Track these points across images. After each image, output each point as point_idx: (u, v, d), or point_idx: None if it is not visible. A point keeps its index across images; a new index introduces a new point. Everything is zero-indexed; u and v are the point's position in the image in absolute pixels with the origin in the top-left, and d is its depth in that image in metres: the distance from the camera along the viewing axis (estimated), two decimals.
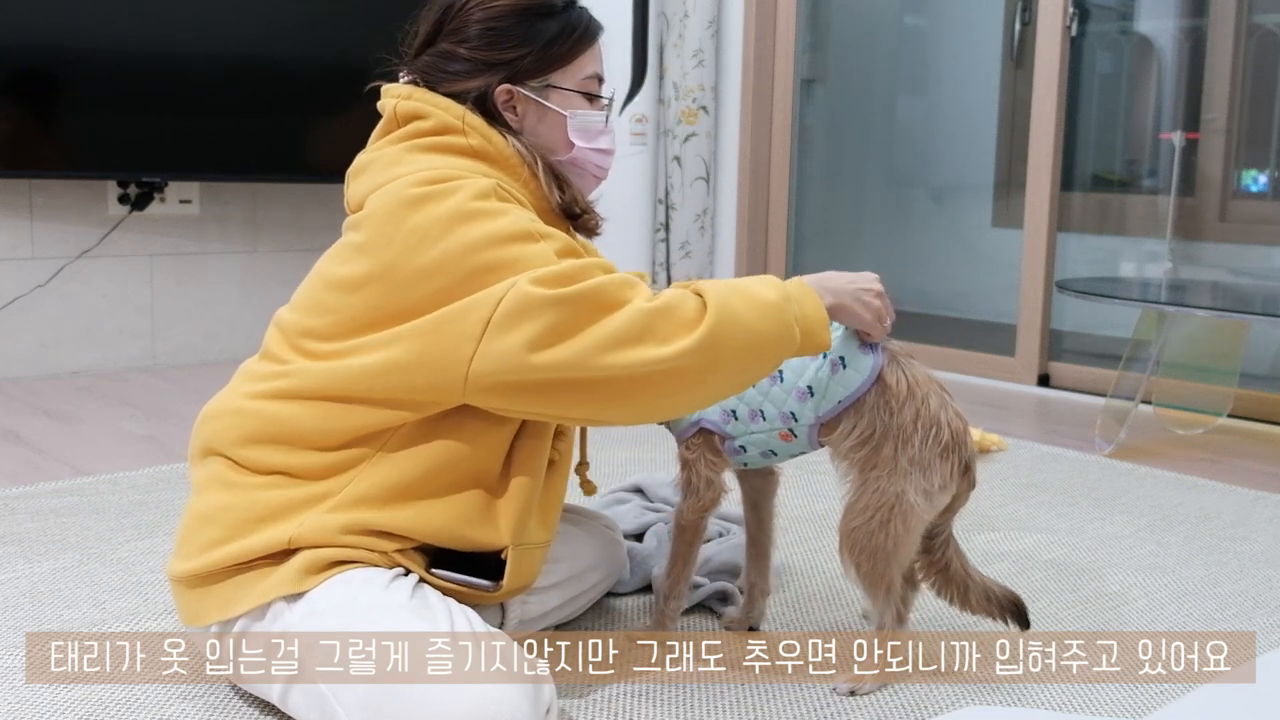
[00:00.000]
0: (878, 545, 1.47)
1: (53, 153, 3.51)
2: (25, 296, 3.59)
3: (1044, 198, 3.71)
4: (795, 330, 1.38)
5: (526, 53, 1.46)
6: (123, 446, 2.80)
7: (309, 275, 1.47)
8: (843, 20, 4.78)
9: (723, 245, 4.53)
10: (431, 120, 1.44)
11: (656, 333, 1.30)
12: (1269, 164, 3.72)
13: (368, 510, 1.36)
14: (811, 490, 2.47)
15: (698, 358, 1.31)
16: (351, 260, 1.38)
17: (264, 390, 1.41)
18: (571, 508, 1.76)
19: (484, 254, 1.31)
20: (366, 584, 1.33)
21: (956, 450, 1.48)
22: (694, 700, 1.50)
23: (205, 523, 1.38)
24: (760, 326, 1.35)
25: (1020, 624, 1.58)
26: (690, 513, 1.61)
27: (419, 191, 1.35)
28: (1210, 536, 2.25)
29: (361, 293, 1.35)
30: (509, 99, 1.47)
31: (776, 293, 1.38)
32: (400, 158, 1.42)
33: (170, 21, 3.55)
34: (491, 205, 1.34)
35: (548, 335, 1.28)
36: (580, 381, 1.29)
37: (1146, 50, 4.04)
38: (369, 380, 1.34)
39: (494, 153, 1.44)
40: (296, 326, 1.42)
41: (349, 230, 1.42)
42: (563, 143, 1.52)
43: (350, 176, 1.48)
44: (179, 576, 1.41)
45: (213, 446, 1.43)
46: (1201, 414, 3.27)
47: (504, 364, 1.28)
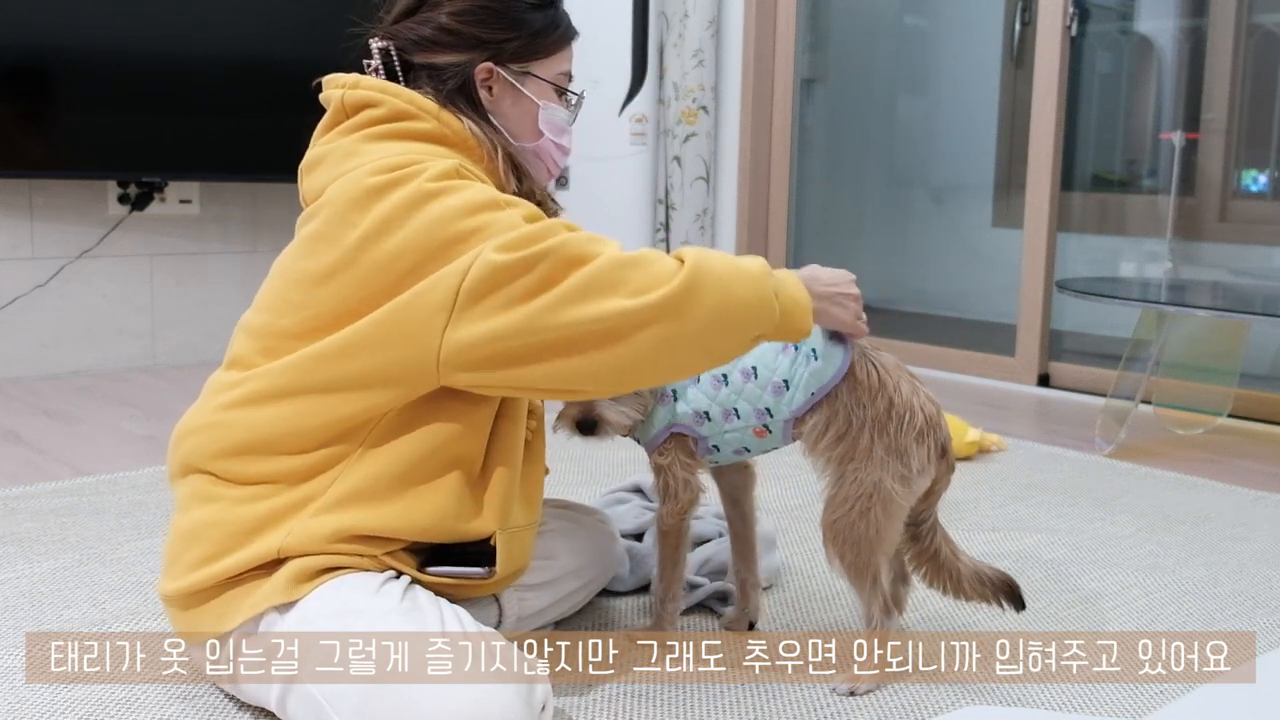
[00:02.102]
0: (860, 535, 1.48)
1: (53, 153, 3.51)
2: (25, 296, 3.59)
3: (1044, 198, 3.71)
4: (775, 305, 1.35)
5: (514, 37, 1.47)
6: (123, 446, 2.80)
7: (270, 275, 1.44)
8: (843, 20, 4.78)
9: (723, 245, 4.53)
10: (384, 108, 1.42)
11: (629, 283, 1.27)
12: (1269, 164, 3.72)
13: (354, 511, 1.34)
14: (812, 490, 2.46)
15: (671, 309, 1.27)
16: (315, 252, 1.35)
17: (233, 399, 1.39)
18: (566, 503, 1.76)
19: (452, 226, 1.29)
20: (357, 589, 1.32)
21: (931, 434, 1.49)
22: (694, 700, 1.50)
23: (192, 540, 1.37)
24: (738, 290, 1.32)
25: (1015, 605, 1.58)
26: (670, 516, 1.62)
27: (380, 180, 1.33)
28: (1210, 536, 2.25)
29: (331, 284, 1.33)
30: (488, 78, 1.47)
31: (759, 267, 1.36)
32: (356, 148, 1.40)
33: (170, 21, 3.55)
34: (453, 183, 1.33)
35: (519, 295, 1.26)
36: (553, 343, 1.27)
37: (1146, 50, 4.04)
38: (337, 359, 1.32)
39: (452, 136, 1.43)
40: (267, 328, 1.39)
41: (308, 222, 1.39)
42: (530, 130, 1.52)
43: (303, 172, 1.46)
44: (170, 596, 1.40)
45: (191, 463, 1.41)
46: (1201, 414, 3.27)
47: (477, 333, 1.27)
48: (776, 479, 2.50)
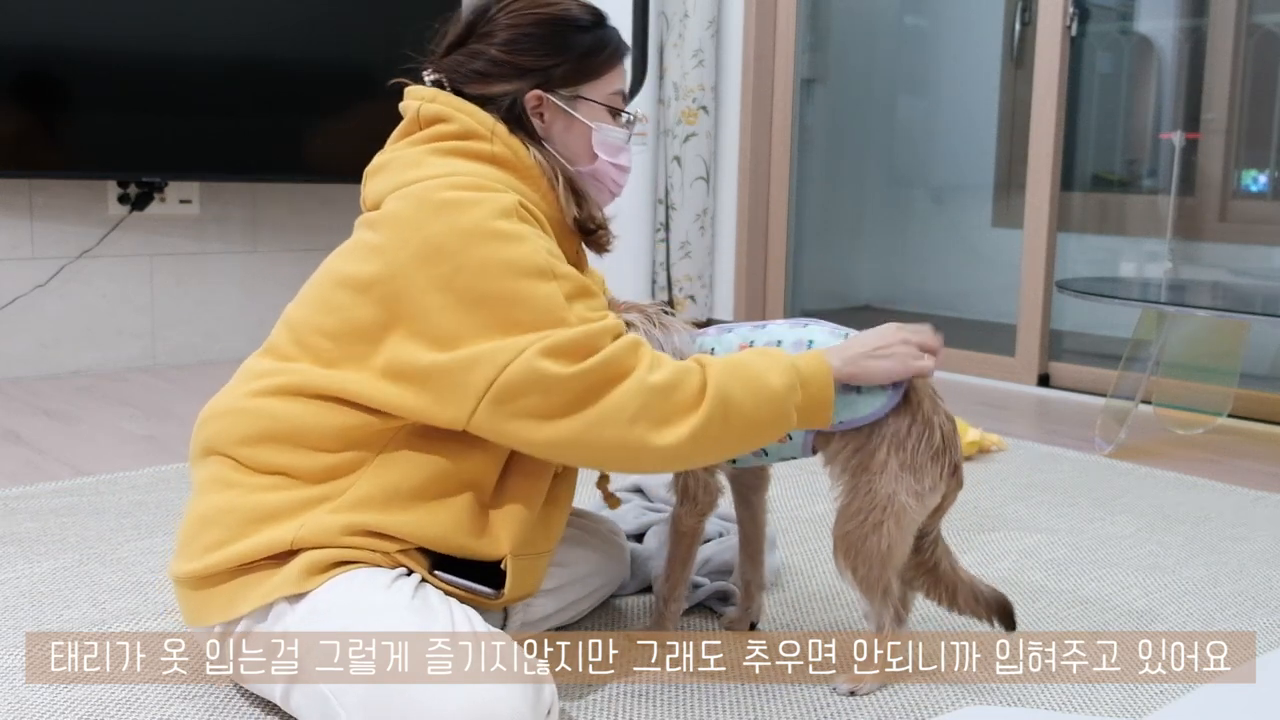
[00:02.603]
0: (872, 549, 1.47)
1: (53, 153, 3.51)
2: (25, 296, 3.59)
3: (1044, 198, 3.71)
4: (793, 417, 1.40)
5: (561, 61, 1.47)
6: (123, 446, 2.80)
7: (318, 271, 1.47)
8: (843, 20, 4.78)
9: (723, 245, 4.53)
10: (455, 124, 1.44)
11: (652, 412, 1.32)
12: (1269, 164, 3.72)
13: (368, 513, 1.36)
14: (812, 490, 2.47)
15: (688, 447, 1.34)
16: (365, 259, 1.38)
17: (264, 387, 1.41)
18: (576, 511, 1.76)
19: (496, 282, 1.31)
20: (368, 584, 1.33)
21: (947, 453, 1.49)
22: (694, 700, 1.50)
23: (207, 524, 1.38)
24: (756, 416, 1.36)
25: (1006, 626, 1.59)
26: (689, 517, 1.62)
27: (443, 197, 1.35)
28: (1210, 536, 2.25)
29: (370, 294, 1.36)
30: (538, 105, 1.48)
31: (783, 380, 1.38)
32: (420, 160, 1.42)
33: (170, 21, 3.55)
34: (512, 227, 1.34)
35: (549, 410, 1.30)
36: (575, 450, 1.34)
37: (1146, 50, 4.04)
38: (366, 400, 1.36)
39: (516, 161, 1.44)
40: (307, 324, 1.42)
41: (365, 228, 1.42)
42: (585, 154, 1.52)
43: (368, 175, 1.49)
44: (182, 577, 1.41)
45: (214, 446, 1.43)
46: (1201, 414, 3.27)
47: (503, 428, 1.32)
48: (776, 479, 2.49)
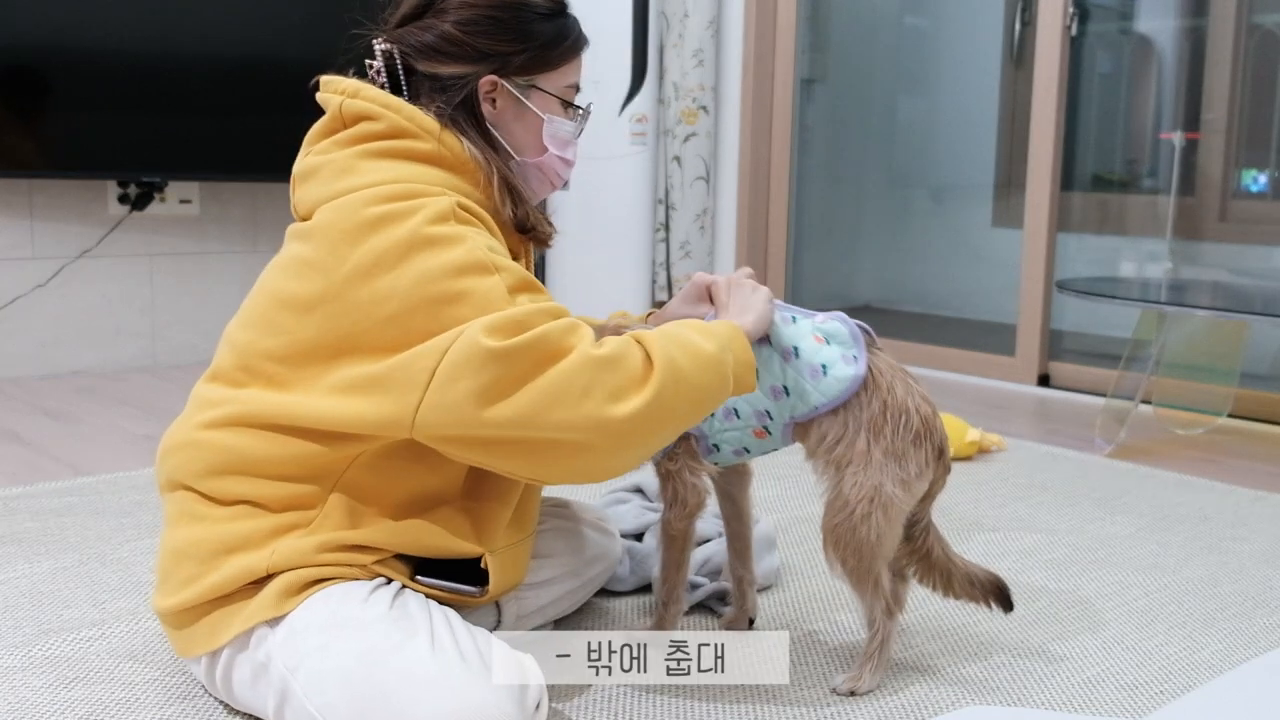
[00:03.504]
0: (861, 540, 1.47)
1: (53, 153, 3.51)
2: (25, 296, 3.59)
3: (1044, 198, 3.71)
4: (730, 381, 1.38)
5: (520, 49, 1.43)
6: (123, 446, 2.80)
7: (256, 288, 1.42)
8: (843, 20, 4.78)
9: (723, 245, 4.53)
10: (383, 123, 1.39)
11: (603, 385, 1.27)
12: (1269, 164, 3.72)
13: (340, 530, 1.35)
14: (812, 490, 2.46)
15: (646, 418, 1.29)
16: (303, 276, 1.34)
17: (216, 418, 1.37)
18: (564, 502, 1.76)
19: (437, 285, 1.27)
20: (345, 598, 1.32)
21: (928, 437, 1.49)
22: (694, 700, 1.50)
23: (181, 558, 1.37)
24: (702, 381, 1.34)
25: (1004, 607, 1.58)
26: (679, 520, 1.61)
27: (376, 212, 1.31)
28: (1210, 536, 2.25)
29: (314, 315, 1.32)
30: (491, 90, 1.44)
31: (714, 344, 1.36)
32: (352, 165, 1.37)
33: (170, 21, 3.55)
34: (449, 230, 1.30)
35: (494, 388, 1.25)
36: (527, 440, 1.27)
37: (1146, 50, 4.04)
38: (316, 422, 1.32)
39: (450, 158, 1.40)
40: (252, 348, 1.38)
41: (297, 240, 1.38)
42: (534, 145, 1.49)
43: (296, 180, 1.43)
44: (163, 613, 1.40)
45: (177, 480, 1.40)
46: (1201, 414, 3.27)
47: (450, 416, 1.26)
48: (776, 479, 2.50)
